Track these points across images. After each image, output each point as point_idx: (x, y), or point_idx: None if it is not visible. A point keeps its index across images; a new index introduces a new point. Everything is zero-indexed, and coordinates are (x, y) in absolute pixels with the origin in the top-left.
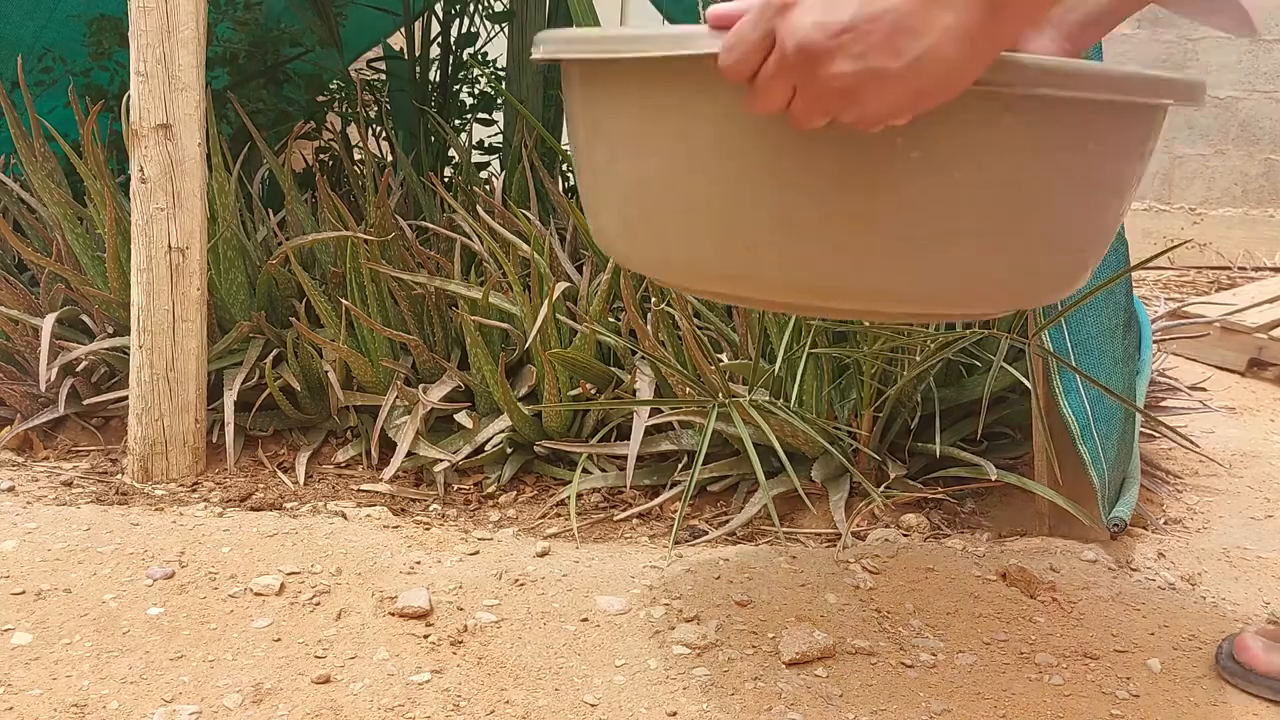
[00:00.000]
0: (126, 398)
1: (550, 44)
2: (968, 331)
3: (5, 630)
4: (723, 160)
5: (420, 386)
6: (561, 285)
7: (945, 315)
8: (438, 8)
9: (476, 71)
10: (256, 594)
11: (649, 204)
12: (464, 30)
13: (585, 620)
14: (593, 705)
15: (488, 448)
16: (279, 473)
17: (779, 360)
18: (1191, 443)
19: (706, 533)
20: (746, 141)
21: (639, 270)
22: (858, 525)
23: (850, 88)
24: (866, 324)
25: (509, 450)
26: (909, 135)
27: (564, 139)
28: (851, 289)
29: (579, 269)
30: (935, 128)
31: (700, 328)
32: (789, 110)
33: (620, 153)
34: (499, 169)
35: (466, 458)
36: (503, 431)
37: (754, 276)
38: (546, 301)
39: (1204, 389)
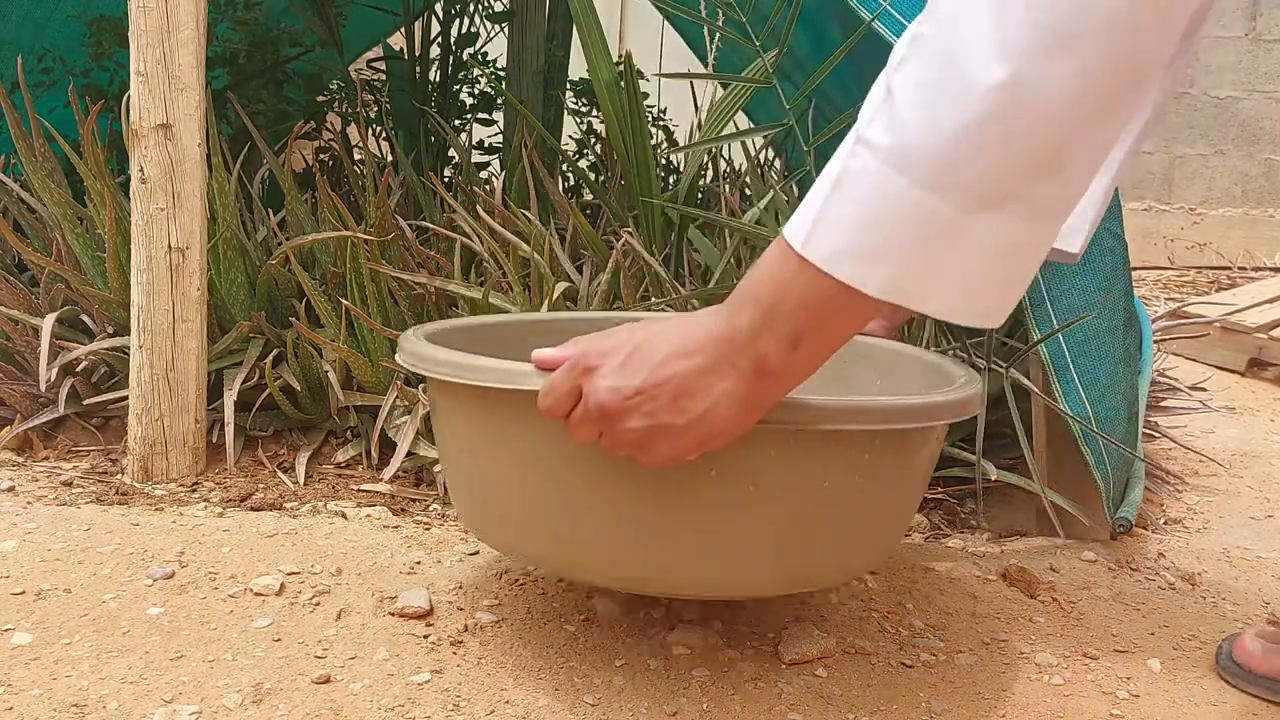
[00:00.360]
0: (126, 398)
1: (407, 355)
2: (969, 341)
3: (5, 630)
4: (547, 469)
5: (420, 387)
6: (561, 285)
7: (754, 595)
8: (438, 8)
9: (476, 71)
10: (256, 594)
11: (491, 495)
12: (464, 30)
13: (586, 620)
14: (593, 705)
15: None
16: (279, 473)
17: None
18: (1191, 450)
19: None
20: (566, 456)
21: (488, 544)
22: None
23: (642, 439)
24: None
25: None
26: (707, 459)
27: (564, 139)
28: (668, 580)
29: (579, 269)
30: (729, 455)
31: None
32: (599, 442)
33: (468, 450)
34: (499, 169)
35: None
36: None
37: (581, 564)
38: (546, 301)
39: (1204, 389)
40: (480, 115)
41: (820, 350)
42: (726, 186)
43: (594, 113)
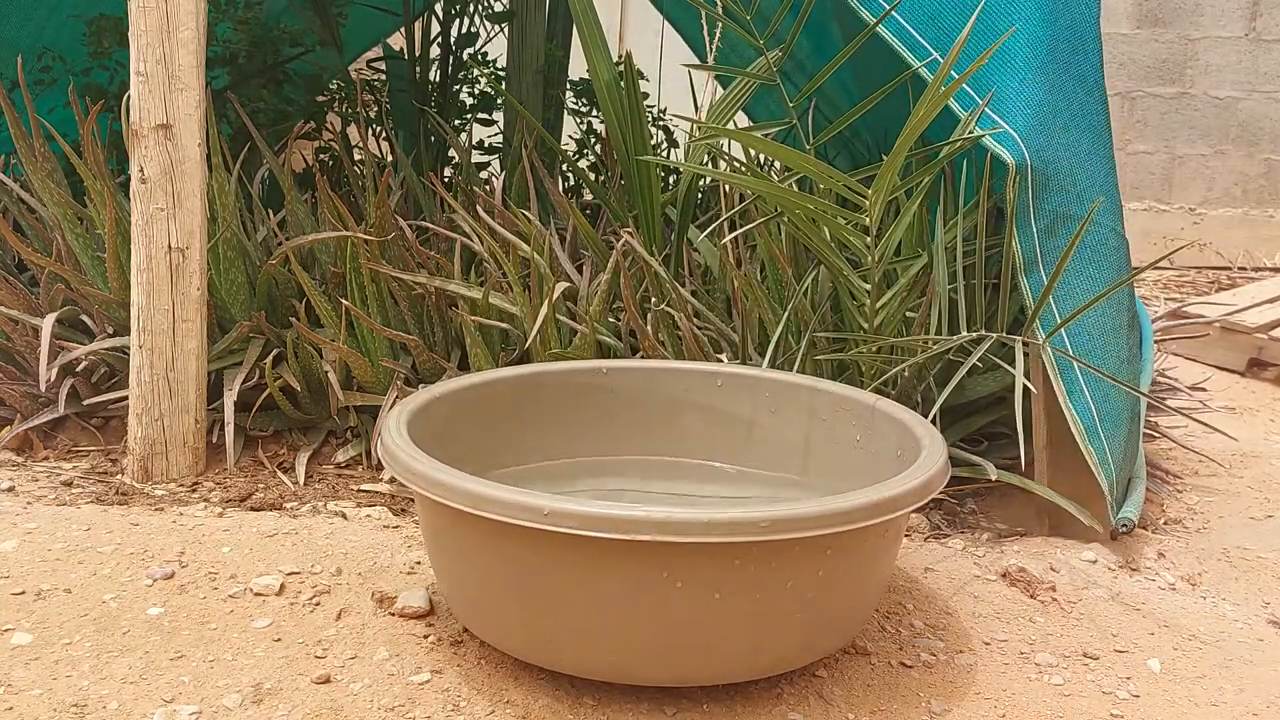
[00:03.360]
0: (126, 398)
1: (394, 466)
2: (962, 336)
3: (5, 630)
4: (525, 580)
5: (420, 386)
6: (561, 285)
7: (728, 682)
8: (438, 8)
9: (476, 72)
10: (256, 594)
11: (474, 596)
12: (464, 30)
13: None
14: (593, 705)
15: None
16: (279, 473)
17: (778, 361)
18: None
19: None
20: (551, 572)
21: (466, 624)
22: None
23: None
24: (865, 326)
25: None
26: (672, 573)
27: (564, 139)
28: (639, 674)
29: (579, 269)
30: (693, 568)
31: (700, 328)
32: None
33: (449, 553)
34: (499, 169)
35: None
36: None
37: (558, 660)
38: (546, 301)
39: (1204, 389)
40: (480, 115)
41: None
42: (727, 186)
43: (594, 113)
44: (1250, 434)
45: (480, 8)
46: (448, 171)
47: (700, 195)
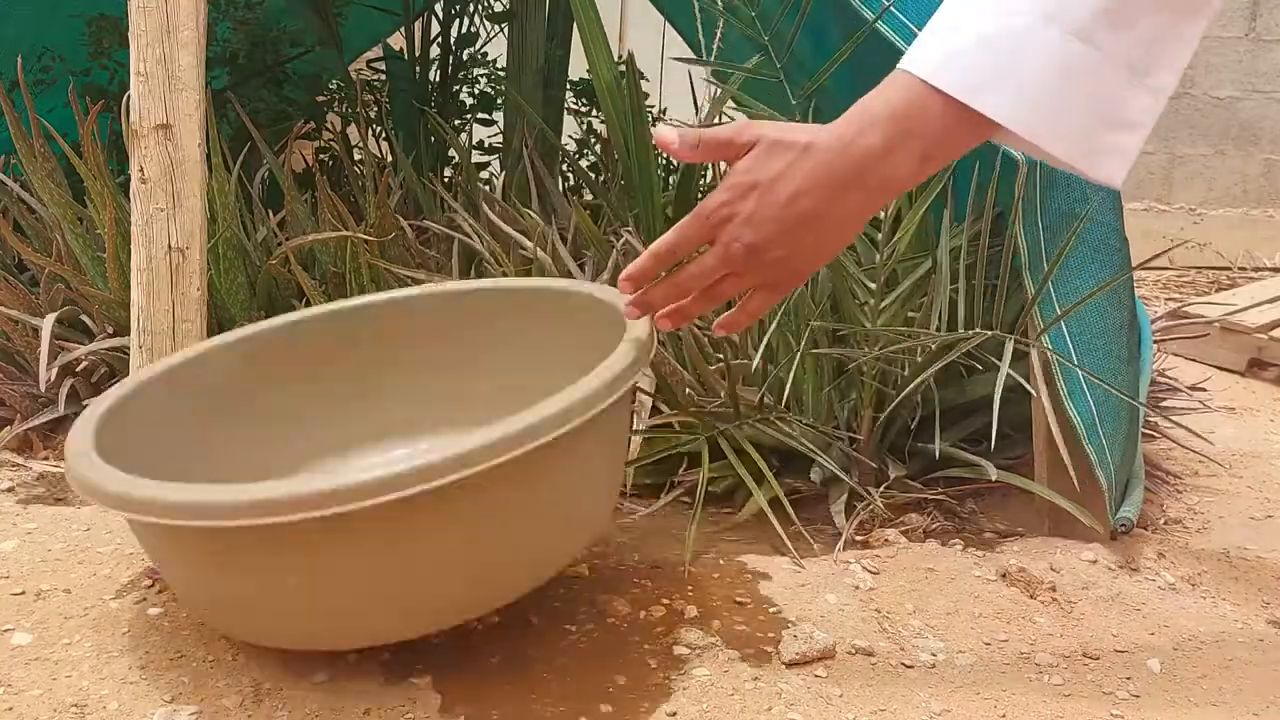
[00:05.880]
0: None
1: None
2: (972, 333)
3: (5, 630)
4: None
5: None
6: None
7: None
8: (438, 8)
9: (477, 71)
10: None
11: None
12: (464, 30)
13: (586, 621)
14: (594, 705)
15: None
16: None
17: (780, 362)
18: (1203, 438)
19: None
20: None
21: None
22: (857, 526)
23: (780, 271)
24: (868, 326)
25: None
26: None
27: (564, 139)
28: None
29: (581, 267)
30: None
31: (700, 328)
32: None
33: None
34: (499, 169)
35: None
36: None
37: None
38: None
39: (1204, 389)
40: (480, 115)
41: (941, 165)
42: None
43: (594, 113)
44: (1250, 434)
45: (480, 8)
46: (448, 171)
47: (700, 195)
